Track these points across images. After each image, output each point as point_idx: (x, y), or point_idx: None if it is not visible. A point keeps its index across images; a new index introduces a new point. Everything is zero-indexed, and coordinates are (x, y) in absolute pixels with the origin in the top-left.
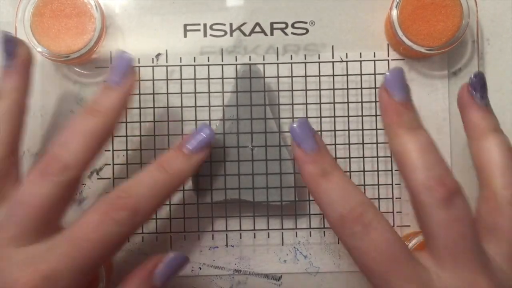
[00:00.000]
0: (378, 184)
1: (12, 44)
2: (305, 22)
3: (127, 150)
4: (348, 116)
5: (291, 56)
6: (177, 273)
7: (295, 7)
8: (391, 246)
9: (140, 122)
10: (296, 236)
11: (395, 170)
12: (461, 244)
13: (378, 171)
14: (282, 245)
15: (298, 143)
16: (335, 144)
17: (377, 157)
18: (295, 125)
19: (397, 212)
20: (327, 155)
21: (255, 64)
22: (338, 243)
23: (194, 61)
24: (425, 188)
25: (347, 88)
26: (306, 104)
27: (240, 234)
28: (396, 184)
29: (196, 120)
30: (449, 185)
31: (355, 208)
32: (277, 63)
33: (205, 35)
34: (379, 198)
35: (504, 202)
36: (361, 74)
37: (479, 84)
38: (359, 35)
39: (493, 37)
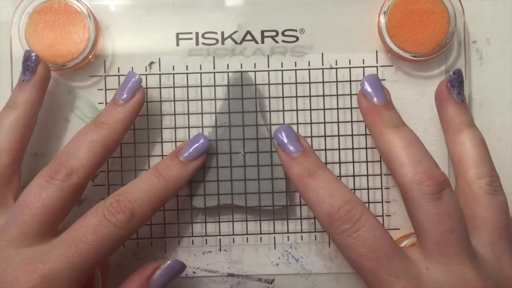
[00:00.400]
0: (368, 188)
1: (34, 62)
2: (295, 30)
3: (121, 157)
4: (338, 122)
5: (282, 63)
6: (174, 279)
7: (285, 15)
8: (380, 242)
9: (134, 129)
10: (288, 240)
11: (384, 174)
12: (450, 238)
13: (367, 175)
14: (274, 248)
15: (283, 147)
16: (325, 150)
17: (366, 161)
18: (278, 130)
19: (386, 215)
20: (312, 155)
21: (246, 71)
22: (329, 246)
23: (187, 69)
24: (414, 183)
25: (337, 95)
26: (297, 110)
27: (233, 239)
28: (385, 188)
29: (189, 127)
30: (437, 178)
31: (343, 206)
32: (268, 71)
33: (197, 43)
34: (368, 202)
35: (479, 191)
36: (350, 81)
37: (457, 81)
38: (349, 41)
39: (493, 37)
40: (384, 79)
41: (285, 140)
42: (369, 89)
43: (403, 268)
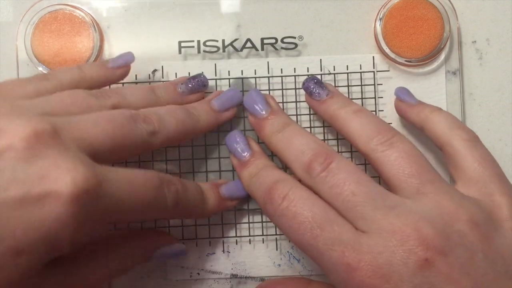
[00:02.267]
0: None
1: (201, 85)
2: (294, 37)
3: (126, 162)
4: None
5: (281, 70)
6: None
7: (283, 23)
8: (310, 213)
9: None
10: (290, 241)
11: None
12: (355, 201)
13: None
14: (276, 249)
15: (233, 153)
16: None
17: (365, 164)
18: (227, 137)
19: None
20: (261, 156)
21: (247, 78)
22: None
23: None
24: (304, 173)
25: None
26: (297, 115)
27: (236, 240)
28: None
29: None
30: (318, 157)
31: (271, 187)
32: (268, 77)
33: (198, 51)
34: None
35: (377, 155)
36: (348, 86)
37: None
38: (347, 48)
39: (493, 37)
40: (381, 84)
41: (233, 146)
42: (250, 106)
43: (339, 235)
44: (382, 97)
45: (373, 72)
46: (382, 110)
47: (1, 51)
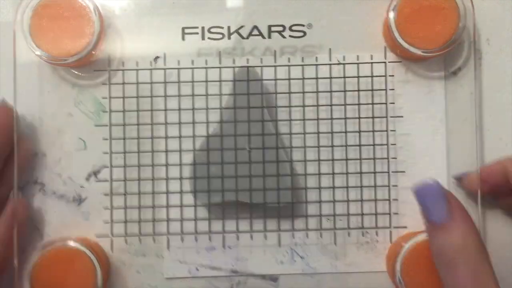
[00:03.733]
0: (375, 186)
1: None
2: (303, 25)
3: (125, 152)
4: (345, 118)
5: (289, 58)
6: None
7: (292, 10)
8: None
9: (138, 124)
10: (293, 237)
11: (392, 172)
12: None
13: (375, 172)
14: (279, 246)
15: (425, 213)
16: (332, 146)
17: (374, 158)
18: (419, 191)
19: (394, 213)
20: (463, 220)
21: (253, 66)
22: (335, 245)
23: (192, 64)
24: None
25: (344, 91)
26: (304, 106)
27: (237, 236)
28: (393, 186)
29: (193, 123)
30: None
31: None
32: (275, 66)
33: (203, 38)
34: (375, 199)
35: None
36: (358, 77)
37: (431, 204)
38: (357, 37)
39: (493, 37)
40: (393, 75)
41: (429, 206)
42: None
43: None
44: (393, 89)
45: (385, 63)
46: (393, 103)
47: (1, 51)
